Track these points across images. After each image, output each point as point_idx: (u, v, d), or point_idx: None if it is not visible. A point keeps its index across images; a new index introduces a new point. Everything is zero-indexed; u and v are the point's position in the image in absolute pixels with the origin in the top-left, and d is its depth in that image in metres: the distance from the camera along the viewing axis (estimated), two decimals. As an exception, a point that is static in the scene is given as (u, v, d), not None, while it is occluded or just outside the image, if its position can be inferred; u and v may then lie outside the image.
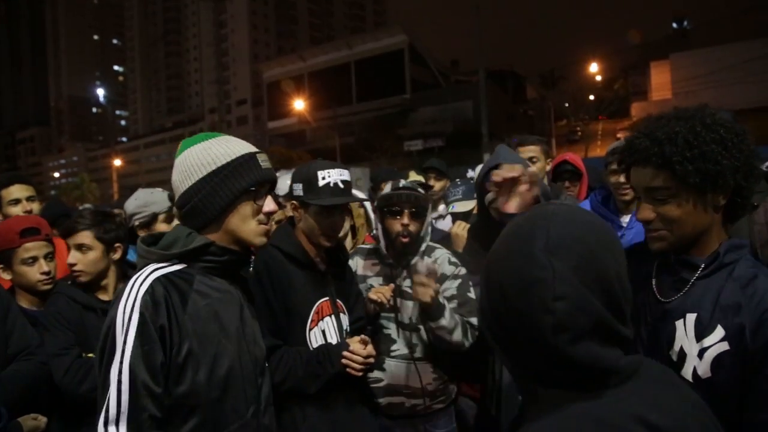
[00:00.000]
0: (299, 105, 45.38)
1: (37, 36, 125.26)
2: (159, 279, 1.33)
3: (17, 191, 3.09)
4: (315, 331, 2.05)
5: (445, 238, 2.91)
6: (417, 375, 2.35)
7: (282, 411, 1.92)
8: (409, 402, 2.37)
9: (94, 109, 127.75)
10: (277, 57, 70.96)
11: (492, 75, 43.60)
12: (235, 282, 1.52)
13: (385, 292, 2.18)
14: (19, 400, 2.07)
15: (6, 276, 2.34)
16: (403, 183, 2.37)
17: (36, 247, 2.32)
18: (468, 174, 4.82)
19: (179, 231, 1.43)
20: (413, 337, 2.36)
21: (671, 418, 0.81)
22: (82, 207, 6.34)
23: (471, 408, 2.86)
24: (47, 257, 2.36)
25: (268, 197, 1.48)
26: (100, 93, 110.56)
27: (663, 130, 1.26)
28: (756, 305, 1.20)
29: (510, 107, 50.53)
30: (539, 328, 0.80)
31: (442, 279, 2.38)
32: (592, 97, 44.37)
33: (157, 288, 1.31)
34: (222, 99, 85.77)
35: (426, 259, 2.42)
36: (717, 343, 1.22)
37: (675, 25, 62.15)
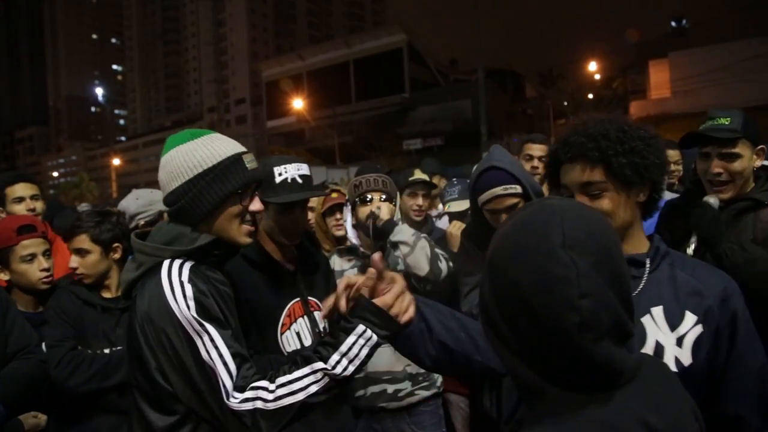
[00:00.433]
0: (298, 104, 45.33)
1: (36, 35, 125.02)
2: (192, 273, 1.37)
3: (21, 189, 3.08)
4: (287, 335, 1.99)
5: (443, 238, 2.91)
6: (397, 357, 2.32)
7: None
8: (392, 388, 2.37)
9: (92, 109, 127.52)
10: (276, 56, 70.92)
11: (491, 74, 43.58)
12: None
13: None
14: (19, 398, 2.09)
15: (4, 276, 2.33)
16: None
17: (34, 244, 2.32)
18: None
19: (179, 228, 1.45)
20: None
21: (671, 419, 0.82)
22: (80, 206, 6.34)
23: (461, 405, 2.84)
24: (45, 254, 2.36)
25: (255, 197, 1.50)
26: (98, 92, 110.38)
27: (595, 128, 1.35)
28: (714, 286, 1.31)
29: (509, 106, 50.51)
30: (563, 327, 0.77)
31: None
32: (591, 96, 44.35)
33: (198, 280, 1.37)
34: (221, 98, 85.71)
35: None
36: (692, 328, 1.28)
37: (674, 24, 62.07)
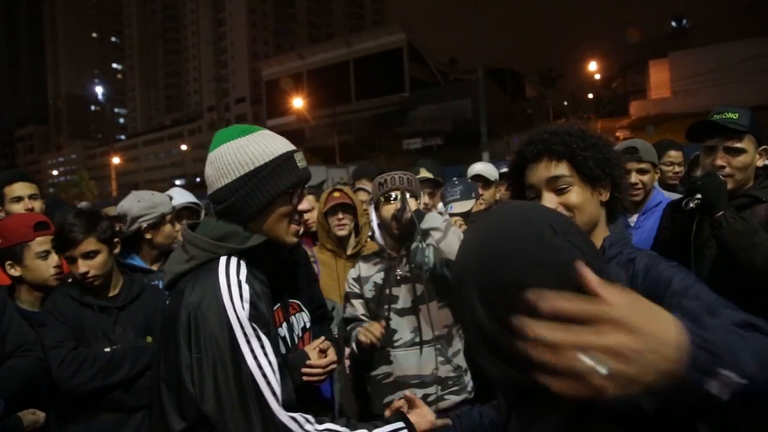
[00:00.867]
0: (298, 103, 45.33)
1: (36, 34, 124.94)
2: (250, 272, 1.35)
3: (20, 189, 3.07)
4: None
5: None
6: (425, 360, 2.35)
7: None
8: (420, 392, 2.36)
9: (92, 107, 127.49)
10: (276, 55, 70.93)
11: (491, 73, 43.63)
12: None
13: (374, 331, 2.19)
14: (18, 394, 2.10)
15: (15, 272, 2.33)
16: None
17: (48, 241, 2.33)
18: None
19: (231, 226, 1.41)
20: (414, 321, 2.38)
21: None
22: (80, 205, 6.34)
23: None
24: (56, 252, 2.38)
25: (303, 196, 1.49)
26: (98, 91, 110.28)
27: (558, 127, 1.40)
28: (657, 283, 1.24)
29: (509, 106, 50.57)
30: None
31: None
32: (590, 96, 44.36)
33: (253, 282, 1.34)
34: (221, 97, 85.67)
35: (421, 246, 2.40)
36: None
37: (674, 24, 62.12)
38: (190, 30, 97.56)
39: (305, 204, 1.47)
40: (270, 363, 1.26)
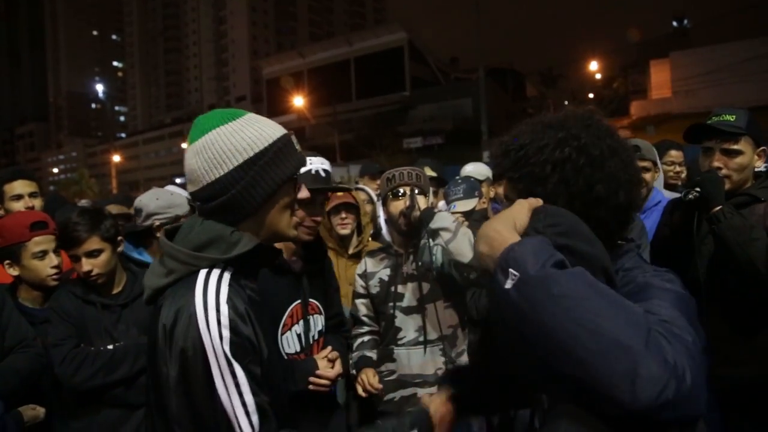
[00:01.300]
0: (299, 102, 45.32)
1: (36, 31, 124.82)
2: (232, 289, 1.17)
3: (20, 187, 3.05)
4: (288, 336, 2.00)
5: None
6: (428, 360, 2.35)
7: None
8: (422, 392, 2.35)
9: (93, 105, 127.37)
10: (277, 53, 70.90)
11: (492, 73, 43.62)
12: None
13: (373, 383, 2.20)
14: (17, 390, 2.12)
15: (13, 272, 2.34)
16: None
17: (45, 241, 2.33)
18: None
19: (217, 228, 1.22)
20: (419, 320, 2.37)
21: None
22: (80, 203, 6.34)
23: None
24: (55, 251, 2.38)
25: (301, 184, 1.34)
26: (99, 89, 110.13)
27: (504, 143, 1.26)
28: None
29: (509, 105, 50.46)
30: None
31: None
32: (591, 96, 44.34)
33: (236, 300, 1.16)
34: (221, 95, 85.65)
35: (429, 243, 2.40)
36: None
37: (675, 24, 62.06)
38: (191, 28, 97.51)
39: (304, 192, 1.33)
40: (244, 404, 1.10)
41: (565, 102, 46.66)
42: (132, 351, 2.19)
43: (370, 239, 3.23)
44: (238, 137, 1.21)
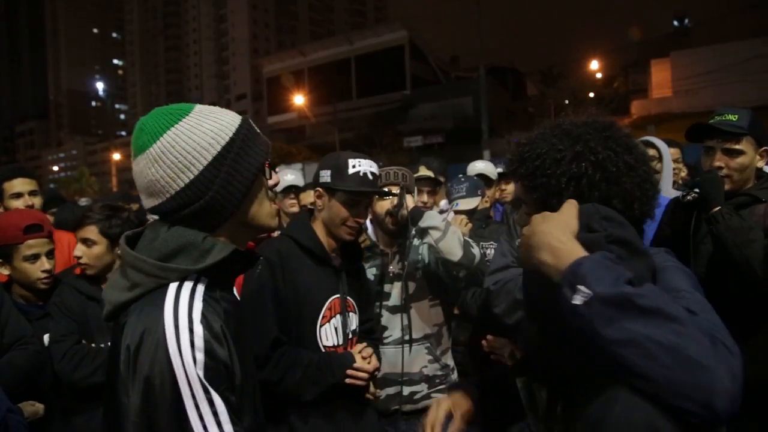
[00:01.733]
0: (299, 100, 45.30)
1: (36, 29, 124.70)
2: (206, 305, 1.05)
3: (20, 185, 3.05)
4: (326, 328, 2.00)
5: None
6: (413, 358, 2.36)
7: (281, 423, 1.88)
8: (407, 390, 2.37)
9: (93, 103, 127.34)
10: (277, 52, 70.84)
11: (492, 71, 43.56)
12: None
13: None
14: (17, 387, 2.12)
15: (5, 271, 2.34)
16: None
17: (38, 245, 2.32)
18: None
19: (187, 235, 1.08)
20: (404, 318, 2.38)
21: None
22: (80, 201, 6.35)
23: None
24: (48, 255, 2.36)
25: (272, 170, 1.22)
26: (99, 86, 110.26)
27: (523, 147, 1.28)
28: None
29: (510, 104, 50.43)
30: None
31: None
32: (592, 95, 44.29)
33: (211, 318, 1.04)
34: (222, 93, 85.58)
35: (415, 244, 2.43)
36: None
37: (676, 23, 62.02)
38: (191, 26, 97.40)
39: (275, 178, 1.22)
40: None
41: (566, 101, 46.64)
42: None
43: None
44: (199, 133, 1.08)
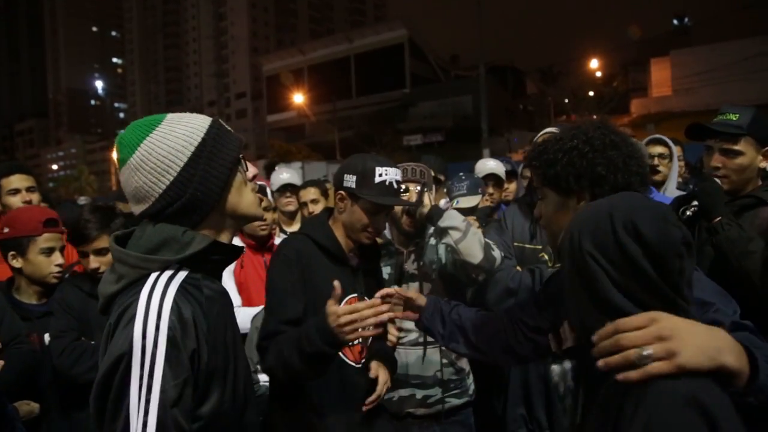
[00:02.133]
0: (299, 98, 45.31)
1: (35, 27, 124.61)
2: (180, 292, 1.14)
3: (17, 181, 3.06)
4: None
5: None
6: (427, 361, 2.32)
7: (295, 420, 1.87)
8: (421, 393, 2.33)
9: (92, 101, 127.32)
10: (277, 50, 70.84)
11: (492, 70, 43.58)
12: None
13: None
14: (12, 386, 2.13)
15: (16, 263, 2.35)
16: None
17: (54, 239, 2.37)
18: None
19: (168, 230, 1.19)
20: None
21: None
22: (79, 199, 6.33)
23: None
24: (61, 251, 2.41)
25: (248, 162, 1.34)
26: (98, 85, 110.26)
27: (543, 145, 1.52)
28: None
29: (510, 103, 50.48)
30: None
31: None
32: (591, 93, 44.29)
33: (183, 305, 1.13)
34: (221, 92, 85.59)
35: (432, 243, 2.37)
36: None
37: (675, 22, 62.01)
38: (190, 24, 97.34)
39: (252, 169, 1.33)
40: (145, 423, 1.02)
41: (566, 100, 46.62)
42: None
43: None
44: (172, 138, 1.19)
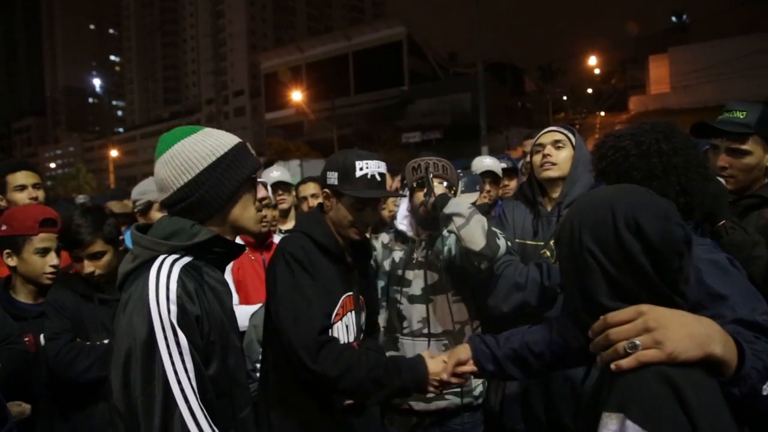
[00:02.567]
0: (297, 96, 45.27)
1: (33, 25, 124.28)
2: (183, 271, 1.31)
3: (23, 178, 3.08)
4: (338, 326, 1.97)
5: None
6: (429, 353, 2.29)
7: (285, 419, 1.87)
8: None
9: (90, 99, 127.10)
10: (275, 48, 70.66)
11: (490, 67, 43.57)
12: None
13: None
14: (2, 386, 2.10)
15: (11, 262, 2.34)
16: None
17: (50, 239, 2.35)
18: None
19: (180, 222, 1.39)
20: (423, 311, 2.32)
21: None
22: (77, 198, 6.33)
23: None
24: (57, 251, 2.39)
25: (259, 184, 1.52)
26: (96, 83, 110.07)
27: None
28: None
29: (508, 100, 50.50)
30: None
31: None
32: (590, 91, 44.34)
33: (187, 279, 1.30)
34: (219, 90, 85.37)
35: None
36: None
37: (674, 19, 62.03)
38: (188, 22, 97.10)
39: (261, 191, 1.54)
40: (186, 370, 1.22)
41: (564, 97, 46.64)
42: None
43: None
44: (200, 146, 1.40)
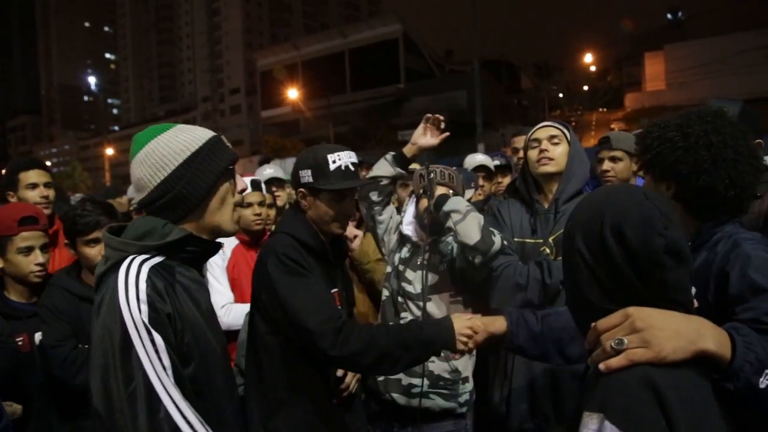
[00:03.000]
0: (293, 94, 45.11)
1: (28, 23, 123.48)
2: (152, 271, 1.30)
3: (35, 176, 3.09)
4: None
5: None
6: None
7: (272, 416, 1.86)
8: (406, 380, 2.34)
9: (85, 98, 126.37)
10: (271, 46, 70.44)
11: (486, 65, 43.51)
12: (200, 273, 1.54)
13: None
14: None
15: None
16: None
17: (33, 237, 2.30)
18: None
19: (152, 222, 1.38)
20: (422, 309, 2.36)
21: None
22: (73, 196, 6.30)
23: None
24: (43, 248, 2.35)
25: (237, 176, 1.51)
26: (91, 81, 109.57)
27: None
28: (717, 264, 1.41)
29: (504, 97, 50.51)
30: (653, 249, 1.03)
31: None
32: (586, 88, 44.38)
33: (156, 278, 1.29)
34: (215, 88, 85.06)
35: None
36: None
37: (669, 16, 62.15)
38: (184, 20, 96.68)
39: (241, 184, 1.50)
40: (164, 368, 1.22)
41: (560, 94, 46.67)
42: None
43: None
44: (174, 142, 1.39)
